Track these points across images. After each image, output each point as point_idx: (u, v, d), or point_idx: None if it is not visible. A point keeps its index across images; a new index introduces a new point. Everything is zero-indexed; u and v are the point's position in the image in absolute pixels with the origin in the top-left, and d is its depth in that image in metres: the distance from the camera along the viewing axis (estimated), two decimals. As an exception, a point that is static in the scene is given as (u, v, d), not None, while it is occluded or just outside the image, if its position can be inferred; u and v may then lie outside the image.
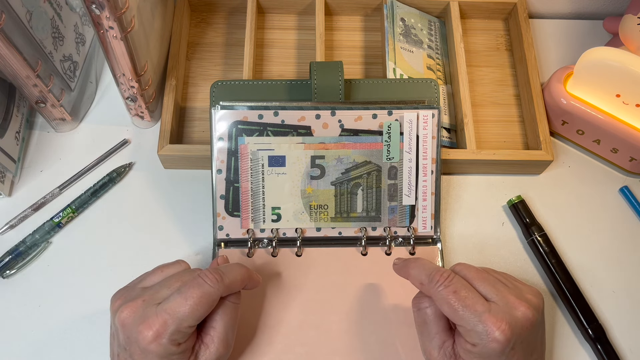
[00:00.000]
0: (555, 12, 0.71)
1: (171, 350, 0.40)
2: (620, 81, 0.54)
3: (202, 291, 0.41)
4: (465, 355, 0.42)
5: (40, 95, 0.54)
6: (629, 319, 0.54)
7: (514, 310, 0.41)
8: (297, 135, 0.51)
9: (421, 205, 0.53)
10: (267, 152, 0.51)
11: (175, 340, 0.40)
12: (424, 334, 0.45)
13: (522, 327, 0.41)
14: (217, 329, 0.43)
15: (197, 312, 0.40)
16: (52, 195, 0.57)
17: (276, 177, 0.52)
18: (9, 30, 0.47)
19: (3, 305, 0.52)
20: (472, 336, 0.41)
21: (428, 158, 0.53)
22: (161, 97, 0.60)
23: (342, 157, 0.52)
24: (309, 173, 0.52)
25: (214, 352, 0.42)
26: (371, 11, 0.67)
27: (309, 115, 0.51)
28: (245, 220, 0.52)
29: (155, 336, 0.39)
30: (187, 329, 0.40)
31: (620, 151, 0.58)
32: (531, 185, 0.60)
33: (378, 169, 0.52)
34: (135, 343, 0.40)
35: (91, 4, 0.44)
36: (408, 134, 0.52)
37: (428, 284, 0.43)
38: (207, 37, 0.66)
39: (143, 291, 0.43)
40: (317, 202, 0.53)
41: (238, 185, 0.52)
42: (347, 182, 0.52)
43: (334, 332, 0.50)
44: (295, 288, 0.52)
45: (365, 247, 0.54)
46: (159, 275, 0.45)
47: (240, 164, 0.51)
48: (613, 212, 0.59)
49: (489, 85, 0.65)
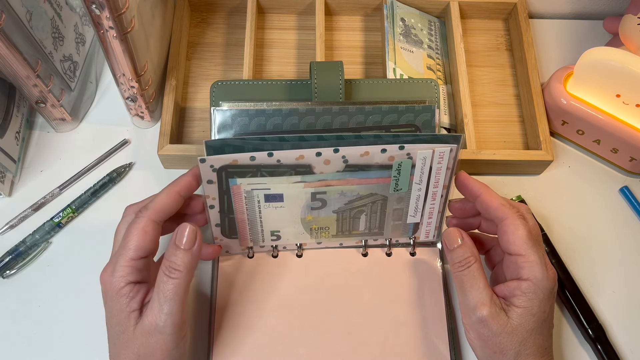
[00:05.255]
0: (555, 12, 0.71)
1: (120, 289, 0.42)
2: (620, 81, 0.54)
3: (133, 227, 0.43)
4: (519, 298, 0.43)
5: (40, 95, 0.54)
6: (629, 319, 0.54)
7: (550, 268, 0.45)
8: (296, 175, 0.46)
9: (426, 221, 0.52)
10: (263, 191, 0.47)
11: (122, 276, 0.42)
12: (473, 288, 0.44)
13: (555, 282, 0.45)
14: (153, 298, 0.43)
15: (131, 243, 0.42)
16: (52, 195, 0.57)
17: (274, 210, 0.49)
18: (9, 30, 0.47)
19: (3, 305, 0.52)
20: (534, 270, 0.43)
21: (439, 186, 0.49)
22: (161, 97, 0.60)
23: (345, 191, 0.48)
24: (310, 205, 0.49)
25: (149, 316, 0.42)
26: (371, 11, 0.67)
27: (309, 154, 0.45)
28: (243, 240, 0.51)
29: (106, 275, 0.43)
30: (130, 262, 0.42)
31: (620, 151, 0.58)
32: (531, 185, 0.60)
33: (384, 198, 0.49)
34: (102, 294, 0.43)
35: (91, 4, 0.44)
36: (420, 169, 0.47)
37: (508, 205, 0.45)
38: (207, 37, 0.66)
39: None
40: (318, 225, 0.51)
41: (233, 217, 0.48)
42: (349, 210, 0.50)
43: (334, 333, 0.50)
44: (296, 289, 0.52)
45: (365, 248, 0.54)
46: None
47: (235, 202, 0.47)
48: (613, 212, 0.59)
49: (489, 85, 0.65)
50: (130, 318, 0.42)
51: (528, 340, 0.43)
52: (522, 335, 0.43)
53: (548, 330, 0.45)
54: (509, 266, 0.45)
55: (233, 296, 0.51)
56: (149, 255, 0.44)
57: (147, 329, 0.41)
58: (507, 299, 0.44)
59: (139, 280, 0.43)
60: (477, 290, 0.44)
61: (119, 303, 0.42)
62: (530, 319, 0.43)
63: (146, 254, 0.43)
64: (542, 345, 0.44)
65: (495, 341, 0.43)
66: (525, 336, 0.43)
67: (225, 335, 0.50)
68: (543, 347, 0.44)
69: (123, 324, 0.42)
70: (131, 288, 0.42)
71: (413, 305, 0.52)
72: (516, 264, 0.44)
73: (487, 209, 0.46)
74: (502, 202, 0.45)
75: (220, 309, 0.51)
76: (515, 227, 0.44)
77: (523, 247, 0.43)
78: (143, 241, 0.43)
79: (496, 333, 0.43)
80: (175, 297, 0.41)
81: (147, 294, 0.43)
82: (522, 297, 0.43)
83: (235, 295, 0.51)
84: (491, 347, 0.43)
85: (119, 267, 0.42)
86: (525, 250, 0.43)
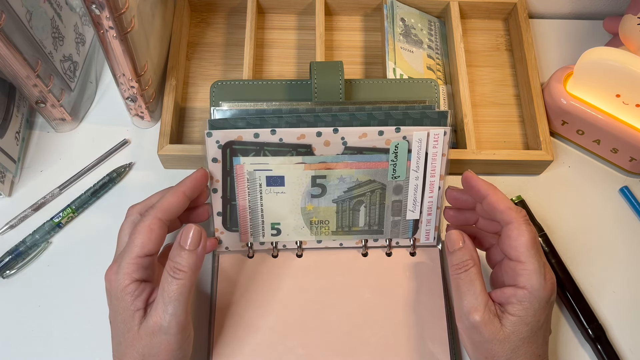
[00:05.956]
0: (555, 12, 0.71)
1: (126, 287, 0.42)
2: (620, 81, 0.54)
3: (140, 225, 0.43)
4: (514, 306, 0.42)
5: (40, 95, 0.54)
6: (629, 319, 0.54)
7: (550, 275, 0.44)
8: (297, 155, 0.48)
9: (425, 219, 0.52)
10: (265, 173, 0.49)
11: (128, 274, 0.42)
12: (468, 293, 0.44)
13: (553, 292, 0.44)
14: (157, 299, 0.42)
15: (137, 240, 0.43)
16: (52, 195, 0.57)
17: (275, 196, 0.50)
18: (9, 30, 0.47)
19: (3, 305, 0.52)
20: (532, 279, 0.42)
21: (436, 175, 0.50)
22: (161, 97, 0.60)
23: (344, 176, 0.49)
24: (310, 192, 0.50)
25: (153, 316, 0.42)
26: (371, 11, 0.67)
27: (309, 133, 0.47)
28: (244, 234, 0.51)
29: (111, 273, 0.43)
30: (136, 260, 0.42)
31: (620, 151, 0.58)
32: (531, 185, 0.60)
33: (382, 187, 0.50)
34: (107, 292, 0.44)
35: (91, 4, 0.44)
36: (417, 152, 0.49)
37: (514, 209, 0.44)
38: (207, 37, 0.66)
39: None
40: (318, 218, 0.51)
41: (235, 203, 0.50)
42: (349, 200, 0.51)
43: (334, 333, 0.50)
44: (296, 289, 0.52)
45: (365, 248, 0.54)
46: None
47: (237, 184, 0.49)
48: (613, 212, 0.59)
49: (489, 85, 0.65)
50: (135, 317, 0.42)
51: (520, 349, 0.43)
52: (514, 344, 0.42)
53: (543, 338, 0.44)
54: (507, 271, 0.45)
55: (233, 296, 0.51)
56: (154, 254, 0.44)
57: (151, 330, 0.41)
58: (503, 306, 0.43)
59: (144, 279, 0.43)
60: (472, 295, 0.43)
61: (123, 301, 0.42)
62: (523, 328, 0.42)
63: (152, 252, 0.43)
64: (535, 353, 0.43)
65: (486, 347, 0.43)
66: (518, 344, 0.42)
67: (225, 335, 0.50)
68: (536, 354, 0.43)
69: (128, 323, 0.42)
70: (136, 286, 0.42)
71: (413, 305, 0.52)
72: (514, 271, 0.43)
73: (493, 211, 0.45)
74: (509, 205, 0.45)
75: (220, 308, 0.51)
76: (519, 233, 0.43)
77: (524, 254, 0.43)
78: (149, 239, 0.43)
79: (488, 339, 0.43)
80: (179, 297, 0.41)
81: (152, 293, 0.43)
82: (517, 305, 0.42)
83: (236, 295, 0.51)
84: (482, 352, 0.43)
85: (124, 264, 0.42)
86: (525, 258, 0.43)
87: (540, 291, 0.42)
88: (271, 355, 0.49)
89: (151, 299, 0.43)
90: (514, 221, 0.44)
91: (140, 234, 0.43)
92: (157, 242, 0.43)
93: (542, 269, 0.43)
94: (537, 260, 0.43)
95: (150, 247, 0.43)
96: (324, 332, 0.50)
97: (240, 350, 0.49)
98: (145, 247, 0.43)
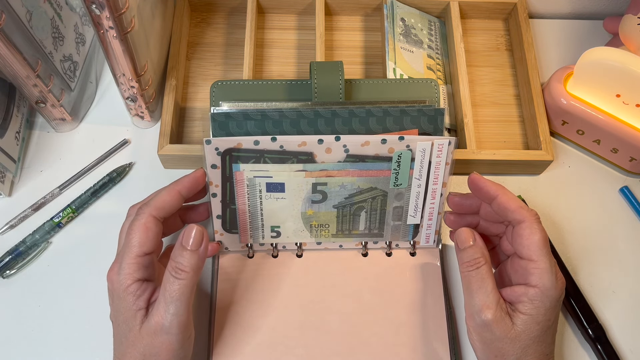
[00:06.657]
0: (555, 12, 0.71)
1: (128, 286, 0.42)
2: (620, 81, 0.54)
3: (135, 224, 0.44)
4: (526, 305, 0.42)
5: (40, 95, 0.54)
6: (629, 319, 0.54)
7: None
8: (298, 162, 0.47)
9: (426, 223, 0.52)
10: (265, 179, 0.48)
11: (129, 274, 0.42)
12: (480, 291, 0.44)
13: (563, 291, 0.44)
14: (159, 299, 0.42)
15: (134, 240, 0.43)
16: (52, 195, 0.57)
17: (275, 201, 0.49)
18: (9, 30, 0.47)
19: (3, 305, 0.52)
20: (543, 278, 0.42)
21: (439, 183, 0.49)
22: (161, 97, 0.60)
23: (345, 183, 0.49)
24: (310, 198, 0.50)
25: (155, 315, 0.42)
26: (371, 11, 0.67)
27: (311, 140, 0.47)
28: (244, 236, 0.51)
29: (113, 274, 0.43)
30: (136, 259, 0.43)
31: (620, 151, 0.58)
32: (531, 185, 0.60)
33: (384, 194, 0.50)
34: (109, 292, 0.44)
35: (91, 4, 0.44)
36: (420, 162, 0.48)
37: (526, 208, 0.44)
38: (207, 37, 0.66)
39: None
40: (318, 222, 0.51)
41: (235, 207, 0.49)
42: (350, 206, 0.50)
43: (334, 333, 0.50)
44: (296, 289, 0.52)
45: (365, 248, 0.54)
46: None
47: (237, 190, 0.48)
48: (613, 212, 0.59)
49: (489, 85, 0.65)
50: (137, 317, 0.42)
51: (530, 347, 0.43)
52: (525, 342, 0.42)
53: (552, 337, 0.44)
54: (518, 270, 0.45)
55: (233, 296, 0.51)
56: (153, 252, 0.44)
57: (152, 329, 0.41)
58: (513, 304, 0.43)
59: (146, 278, 0.43)
60: (484, 293, 0.43)
61: (125, 301, 0.42)
62: (534, 327, 0.42)
63: (150, 250, 0.43)
64: (544, 352, 0.44)
65: (497, 345, 0.43)
66: (528, 343, 0.43)
67: (225, 334, 0.50)
68: (544, 353, 0.44)
69: (129, 323, 0.42)
70: (138, 286, 0.42)
71: (413, 305, 0.52)
72: (526, 269, 0.43)
73: (504, 211, 0.45)
74: (520, 204, 0.45)
75: (221, 308, 0.51)
76: (531, 232, 0.43)
77: (536, 252, 0.43)
78: (146, 237, 0.43)
79: (499, 338, 0.43)
80: (181, 297, 0.41)
81: (154, 293, 0.43)
82: (529, 304, 0.42)
83: (236, 295, 0.51)
84: (492, 351, 0.43)
85: (125, 264, 0.42)
86: (537, 257, 0.43)
87: (552, 290, 0.42)
88: (271, 355, 0.49)
89: (153, 299, 0.43)
90: (526, 220, 0.44)
91: (136, 233, 0.43)
92: (154, 239, 0.44)
93: (553, 267, 0.43)
94: (549, 259, 0.43)
95: (148, 246, 0.43)
96: (324, 332, 0.50)
97: (240, 350, 0.49)
98: (143, 246, 0.43)
